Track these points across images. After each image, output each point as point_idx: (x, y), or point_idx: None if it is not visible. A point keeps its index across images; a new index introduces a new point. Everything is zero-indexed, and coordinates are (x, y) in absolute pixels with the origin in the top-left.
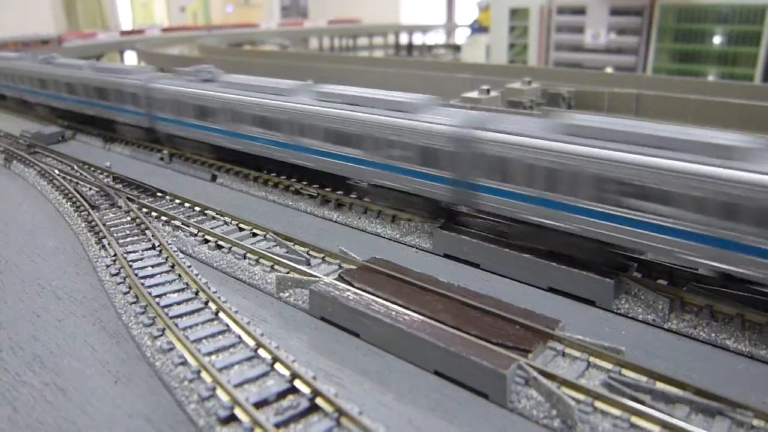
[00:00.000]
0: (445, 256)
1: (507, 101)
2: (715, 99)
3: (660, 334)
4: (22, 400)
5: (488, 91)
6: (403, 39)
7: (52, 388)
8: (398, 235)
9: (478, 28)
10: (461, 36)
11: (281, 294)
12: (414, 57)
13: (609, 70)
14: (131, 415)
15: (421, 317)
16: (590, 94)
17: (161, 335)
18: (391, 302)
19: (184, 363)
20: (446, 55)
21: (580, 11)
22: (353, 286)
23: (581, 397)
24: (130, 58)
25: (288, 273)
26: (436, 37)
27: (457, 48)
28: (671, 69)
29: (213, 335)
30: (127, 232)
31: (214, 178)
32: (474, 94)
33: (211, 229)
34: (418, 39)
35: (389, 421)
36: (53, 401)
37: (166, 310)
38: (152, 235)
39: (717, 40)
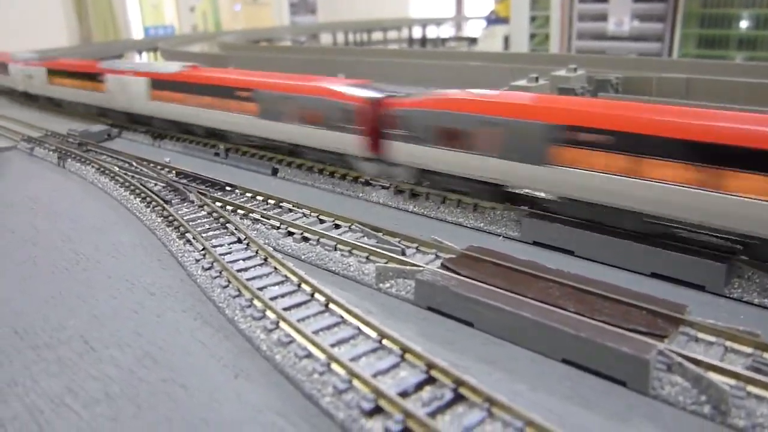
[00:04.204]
0: (534, 243)
1: (557, 88)
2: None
3: None
4: (143, 397)
5: (537, 78)
6: (416, 33)
7: (172, 385)
8: (482, 224)
9: (494, 19)
10: (474, 28)
11: (381, 285)
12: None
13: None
14: (261, 410)
15: (541, 304)
16: (638, 79)
17: (275, 328)
18: (504, 290)
19: (309, 355)
20: (460, 47)
21: None
22: (460, 275)
23: (731, 381)
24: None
25: (387, 263)
26: (450, 30)
27: (472, 40)
28: (697, 55)
29: (329, 327)
30: (207, 226)
31: (275, 172)
32: (522, 83)
33: (293, 221)
34: (431, 32)
35: (529, 410)
36: (176, 398)
37: (273, 302)
38: (235, 228)
39: (744, 24)
